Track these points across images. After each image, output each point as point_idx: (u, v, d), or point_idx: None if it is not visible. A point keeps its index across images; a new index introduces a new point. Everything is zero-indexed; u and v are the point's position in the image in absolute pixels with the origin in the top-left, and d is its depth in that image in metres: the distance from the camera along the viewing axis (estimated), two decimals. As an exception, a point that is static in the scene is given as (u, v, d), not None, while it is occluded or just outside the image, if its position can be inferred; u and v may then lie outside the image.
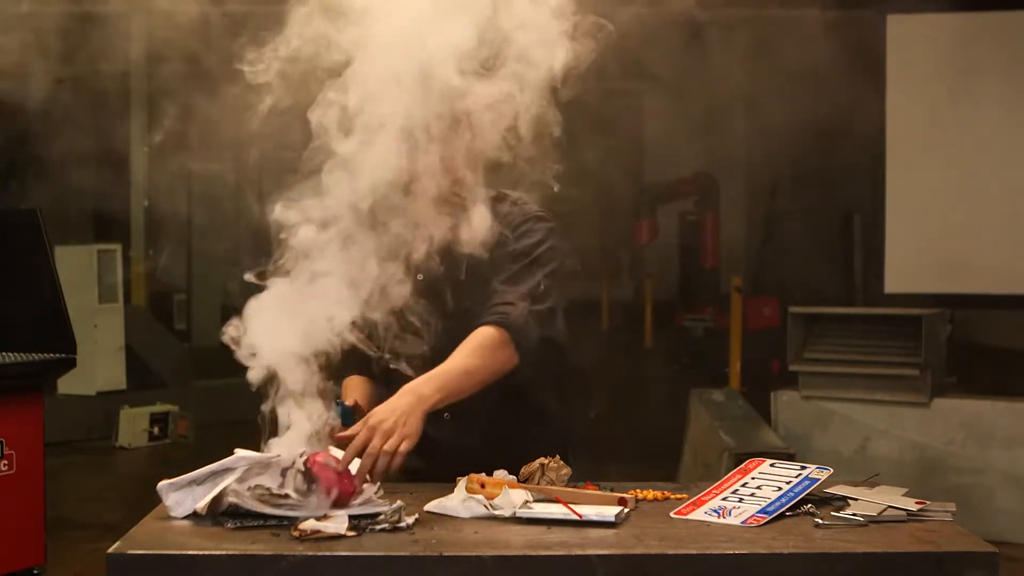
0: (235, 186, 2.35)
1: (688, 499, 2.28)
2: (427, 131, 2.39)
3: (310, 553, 1.93)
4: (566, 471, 2.31)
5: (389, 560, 1.94)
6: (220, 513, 2.09)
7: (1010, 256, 6.98)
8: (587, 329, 12.48)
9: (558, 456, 2.35)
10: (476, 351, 2.44)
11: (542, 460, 2.34)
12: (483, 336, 2.45)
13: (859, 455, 6.29)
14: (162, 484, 2.16)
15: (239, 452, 2.20)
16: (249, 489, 2.09)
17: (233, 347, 2.28)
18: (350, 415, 2.39)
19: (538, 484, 2.28)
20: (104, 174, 10.93)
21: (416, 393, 2.31)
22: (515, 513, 2.14)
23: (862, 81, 7.56)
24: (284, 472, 2.16)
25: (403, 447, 2.22)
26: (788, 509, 2.20)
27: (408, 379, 2.40)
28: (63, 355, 4.78)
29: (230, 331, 2.28)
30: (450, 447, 2.50)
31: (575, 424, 2.76)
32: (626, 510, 2.17)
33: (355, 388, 2.62)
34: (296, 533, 2.00)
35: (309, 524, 2.02)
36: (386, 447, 2.20)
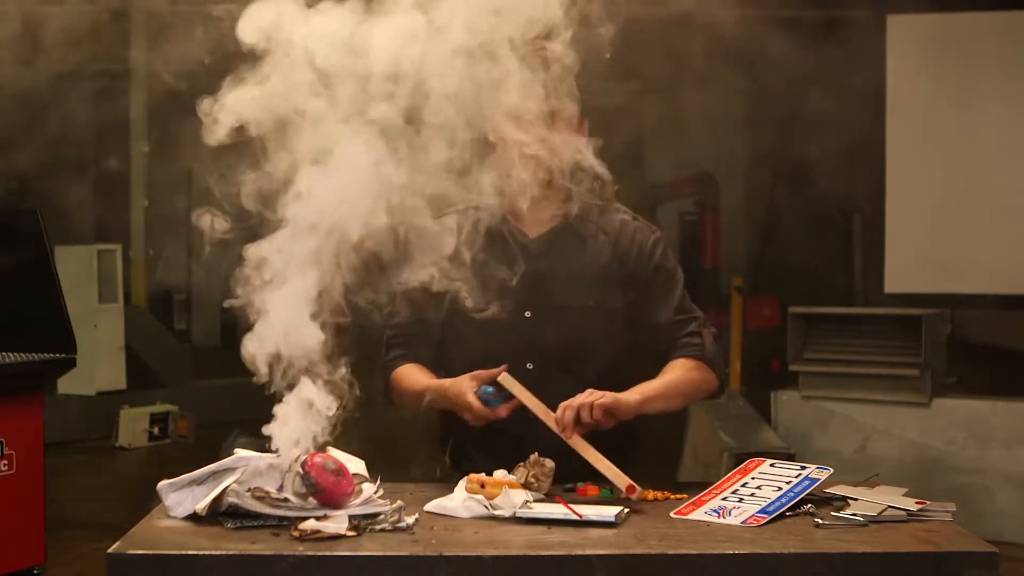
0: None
1: (688, 499, 2.28)
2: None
3: (310, 553, 1.93)
4: (550, 465, 2.31)
5: (389, 560, 1.94)
6: (220, 513, 2.09)
7: (1010, 256, 6.97)
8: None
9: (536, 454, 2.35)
10: (686, 374, 2.61)
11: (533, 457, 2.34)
12: (687, 365, 2.62)
13: (859, 455, 6.28)
14: (162, 484, 2.16)
15: (239, 452, 2.20)
16: (249, 491, 2.09)
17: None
18: (499, 399, 2.43)
19: (524, 479, 2.28)
20: (104, 174, 10.95)
21: (634, 392, 2.48)
22: (515, 513, 2.14)
23: (862, 81, 7.56)
24: (283, 474, 2.16)
25: (602, 400, 2.36)
26: (788, 509, 2.20)
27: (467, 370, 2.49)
28: (63, 355, 4.77)
29: None
30: (532, 446, 2.43)
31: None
32: (626, 510, 2.17)
33: (423, 374, 2.65)
34: (296, 533, 2.00)
35: (309, 524, 2.02)
36: (587, 399, 2.36)
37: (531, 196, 2.57)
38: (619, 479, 2.30)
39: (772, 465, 2.40)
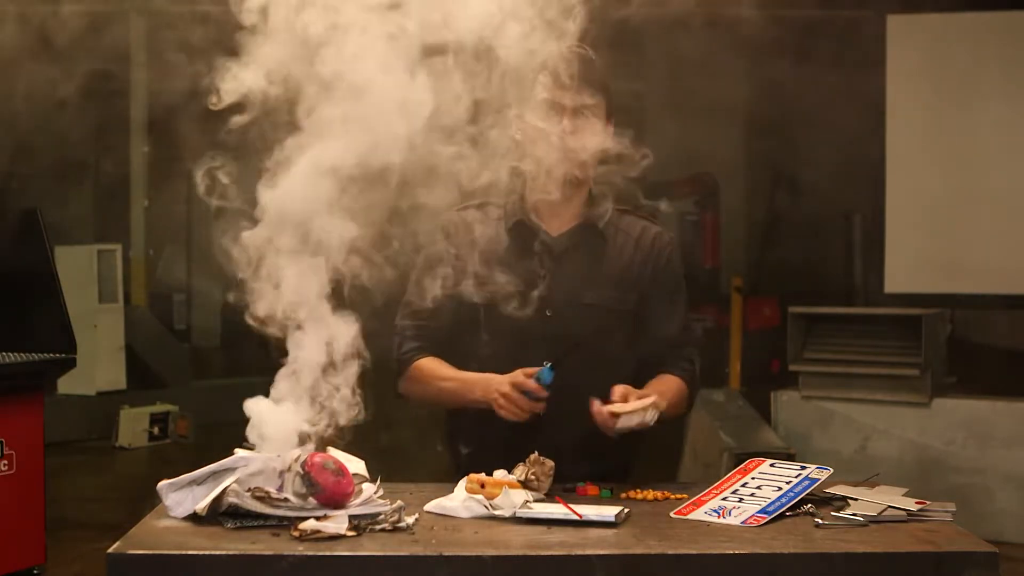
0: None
1: (688, 499, 2.28)
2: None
3: (310, 553, 1.93)
4: (550, 465, 2.31)
5: (389, 560, 1.94)
6: (220, 513, 2.09)
7: (1010, 256, 6.97)
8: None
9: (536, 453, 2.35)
10: (676, 390, 2.63)
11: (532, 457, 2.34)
12: (677, 382, 2.64)
13: (859, 455, 6.28)
14: (162, 484, 2.16)
15: (239, 452, 2.20)
16: (248, 490, 2.09)
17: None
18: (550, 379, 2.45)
19: (524, 478, 2.28)
20: (104, 174, 10.94)
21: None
22: (515, 513, 2.14)
23: (862, 81, 7.56)
24: (283, 474, 2.15)
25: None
26: (788, 509, 2.20)
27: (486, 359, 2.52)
28: (63, 355, 4.78)
29: None
30: (537, 448, 2.41)
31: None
32: (626, 510, 2.17)
33: (448, 368, 2.64)
34: (296, 533, 2.00)
35: (309, 524, 2.02)
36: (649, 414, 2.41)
37: (554, 193, 2.57)
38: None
39: (772, 465, 2.39)
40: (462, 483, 2.25)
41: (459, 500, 2.20)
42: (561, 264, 2.60)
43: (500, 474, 2.29)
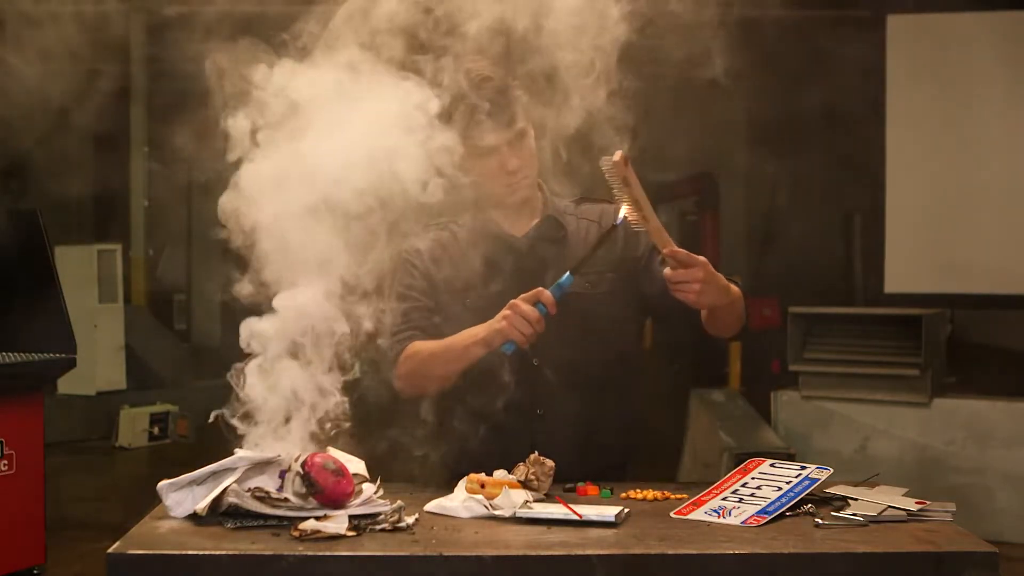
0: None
1: (688, 499, 2.28)
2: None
3: (310, 553, 1.93)
4: (550, 465, 2.31)
5: (389, 560, 1.94)
6: (220, 513, 2.09)
7: (1010, 256, 6.98)
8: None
9: (536, 453, 2.34)
10: (734, 290, 2.60)
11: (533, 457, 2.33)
12: (730, 284, 2.59)
13: (859, 455, 6.29)
14: (162, 484, 2.16)
15: (239, 452, 2.20)
16: (248, 490, 2.09)
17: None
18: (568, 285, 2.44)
19: (524, 478, 2.28)
20: (104, 174, 10.95)
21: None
22: (515, 513, 2.14)
23: (862, 81, 7.56)
24: (283, 474, 2.16)
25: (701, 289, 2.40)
26: (788, 509, 2.20)
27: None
28: (63, 355, 4.78)
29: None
30: (534, 446, 2.39)
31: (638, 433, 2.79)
32: (626, 510, 2.17)
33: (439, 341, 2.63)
34: (296, 533, 2.00)
35: (309, 524, 2.02)
36: (698, 285, 2.39)
37: (508, 202, 2.61)
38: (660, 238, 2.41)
39: (772, 465, 2.39)
40: (462, 483, 2.25)
41: (459, 500, 2.20)
42: (532, 261, 2.61)
43: (500, 474, 2.29)
